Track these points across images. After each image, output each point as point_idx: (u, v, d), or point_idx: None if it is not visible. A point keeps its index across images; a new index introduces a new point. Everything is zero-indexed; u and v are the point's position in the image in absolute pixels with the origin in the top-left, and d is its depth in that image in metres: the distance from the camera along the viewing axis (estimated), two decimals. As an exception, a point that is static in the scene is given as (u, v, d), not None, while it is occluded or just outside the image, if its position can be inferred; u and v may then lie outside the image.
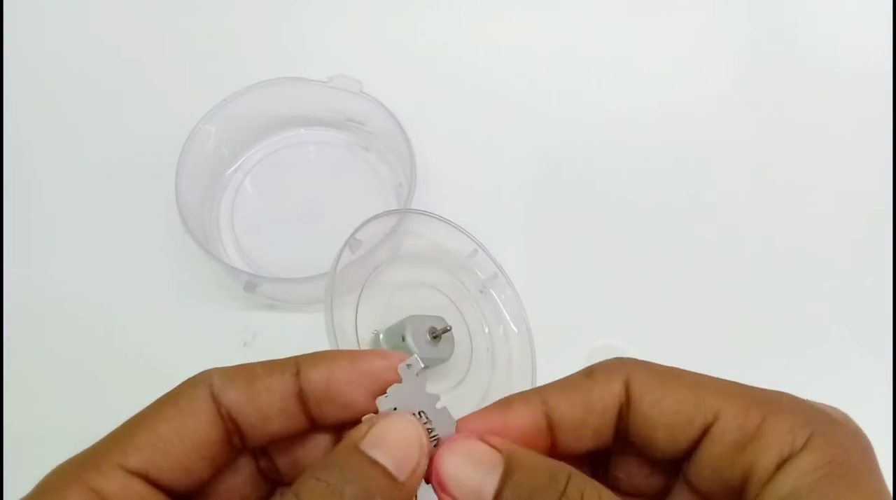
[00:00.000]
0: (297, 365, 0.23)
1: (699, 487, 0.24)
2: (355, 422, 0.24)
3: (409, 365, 0.24)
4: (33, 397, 0.42)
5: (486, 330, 0.43)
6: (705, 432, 0.23)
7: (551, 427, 0.24)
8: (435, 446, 0.24)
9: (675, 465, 0.25)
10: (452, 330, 0.39)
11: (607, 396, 0.24)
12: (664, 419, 0.23)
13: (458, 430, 0.24)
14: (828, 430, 0.22)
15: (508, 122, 0.51)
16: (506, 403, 0.24)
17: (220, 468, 0.24)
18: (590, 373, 0.24)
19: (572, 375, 0.25)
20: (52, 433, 0.41)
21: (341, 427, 0.25)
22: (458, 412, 0.24)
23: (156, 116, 0.50)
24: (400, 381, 0.24)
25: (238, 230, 0.47)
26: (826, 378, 0.41)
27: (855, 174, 0.50)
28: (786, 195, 0.49)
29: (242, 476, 0.25)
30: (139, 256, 0.46)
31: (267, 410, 0.23)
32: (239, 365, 0.24)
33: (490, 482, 0.22)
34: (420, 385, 0.24)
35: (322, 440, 0.25)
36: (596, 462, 0.26)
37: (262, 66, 0.49)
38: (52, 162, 0.49)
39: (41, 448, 0.41)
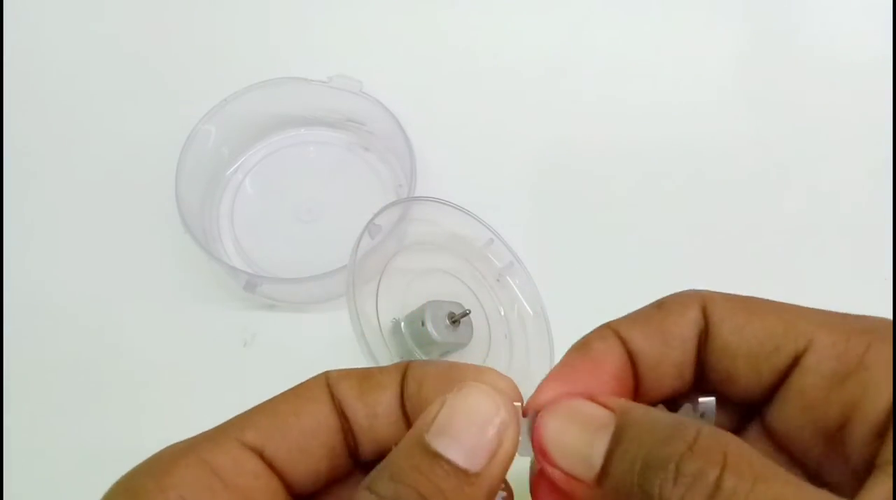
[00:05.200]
0: (406, 367, 0.22)
1: (781, 430, 0.20)
2: None
3: None
4: (33, 397, 0.42)
5: (503, 314, 0.43)
6: (795, 362, 0.20)
7: (633, 366, 0.21)
8: None
9: (752, 411, 0.21)
10: (471, 315, 0.40)
11: (684, 324, 0.21)
12: (746, 347, 0.20)
13: (541, 391, 0.21)
14: None
15: (509, 121, 0.51)
16: (583, 345, 0.22)
17: (338, 468, 0.22)
18: (660, 305, 0.22)
19: (641, 309, 0.22)
20: (53, 433, 0.41)
21: None
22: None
23: (156, 116, 0.50)
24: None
25: (238, 230, 0.47)
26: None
27: (855, 172, 0.50)
28: (786, 191, 0.49)
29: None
30: (139, 256, 0.46)
31: (375, 407, 0.21)
32: (356, 368, 0.23)
33: (599, 445, 0.18)
34: None
35: None
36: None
37: (262, 66, 0.49)
38: (52, 162, 0.49)
39: (41, 448, 0.41)
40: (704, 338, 0.21)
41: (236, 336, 0.44)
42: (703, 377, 0.21)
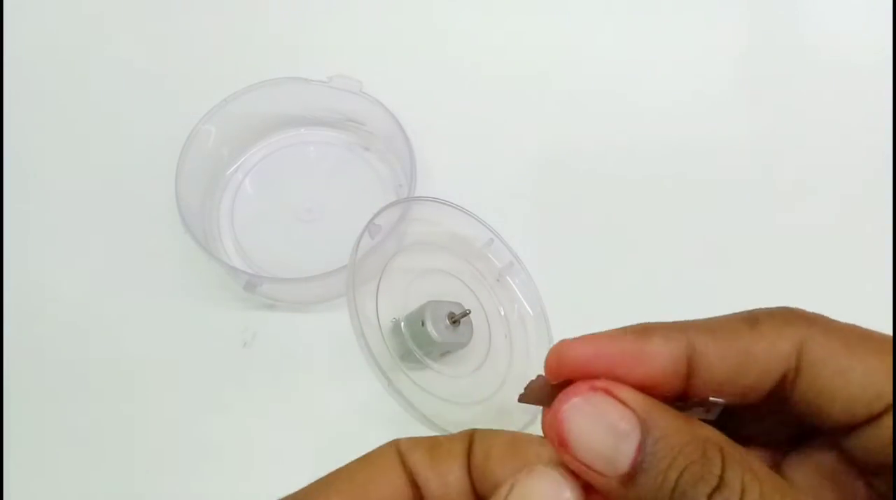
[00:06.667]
0: (472, 435, 0.22)
1: (859, 455, 0.20)
2: None
3: None
4: (33, 397, 0.42)
5: (503, 314, 0.43)
6: (890, 406, 0.19)
7: (689, 373, 0.20)
8: None
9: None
10: (471, 315, 0.40)
11: (773, 356, 0.20)
12: (847, 393, 0.19)
13: (580, 344, 0.20)
14: None
15: (509, 121, 0.51)
16: (643, 331, 0.20)
17: None
18: (753, 321, 0.20)
19: (727, 318, 0.21)
20: (52, 434, 0.41)
21: None
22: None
23: (156, 115, 0.50)
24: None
25: (238, 230, 0.47)
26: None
27: (856, 172, 0.50)
28: (785, 189, 0.50)
29: None
30: (139, 256, 0.46)
31: (446, 475, 0.22)
32: (422, 436, 0.23)
33: (626, 452, 0.19)
34: None
35: None
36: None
37: (262, 66, 0.49)
38: (52, 162, 0.49)
39: (41, 448, 0.41)
40: (794, 373, 0.20)
41: (236, 336, 0.44)
42: (778, 399, 0.21)
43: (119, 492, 0.40)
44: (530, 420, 0.38)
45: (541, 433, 0.21)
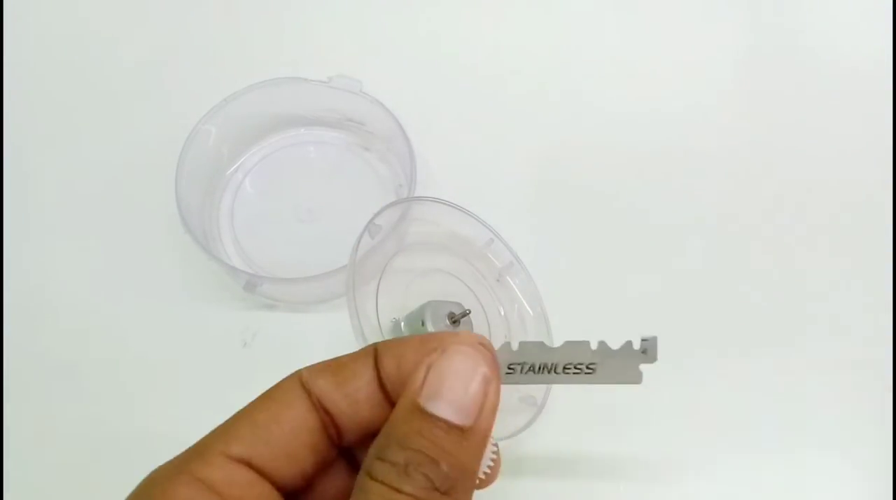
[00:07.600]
0: (375, 350, 0.23)
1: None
2: None
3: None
4: (33, 397, 0.42)
5: (503, 314, 0.43)
6: None
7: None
8: None
9: None
10: (471, 315, 0.40)
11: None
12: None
13: None
14: None
15: (509, 121, 0.51)
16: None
17: (323, 461, 0.23)
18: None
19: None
20: (52, 433, 0.41)
21: None
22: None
23: (156, 116, 0.50)
24: None
25: (238, 230, 0.47)
26: (827, 377, 0.42)
27: (855, 175, 0.50)
28: (785, 192, 0.49)
29: (343, 479, 0.24)
30: (139, 256, 0.46)
31: (355, 394, 0.22)
32: (325, 360, 0.24)
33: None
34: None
35: None
36: None
37: (262, 66, 0.49)
38: (51, 162, 0.49)
39: (41, 448, 0.41)
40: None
41: (236, 336, 0.44)
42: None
43: (118, 492, 0.40)
44: (530, 420, 0.38)
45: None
